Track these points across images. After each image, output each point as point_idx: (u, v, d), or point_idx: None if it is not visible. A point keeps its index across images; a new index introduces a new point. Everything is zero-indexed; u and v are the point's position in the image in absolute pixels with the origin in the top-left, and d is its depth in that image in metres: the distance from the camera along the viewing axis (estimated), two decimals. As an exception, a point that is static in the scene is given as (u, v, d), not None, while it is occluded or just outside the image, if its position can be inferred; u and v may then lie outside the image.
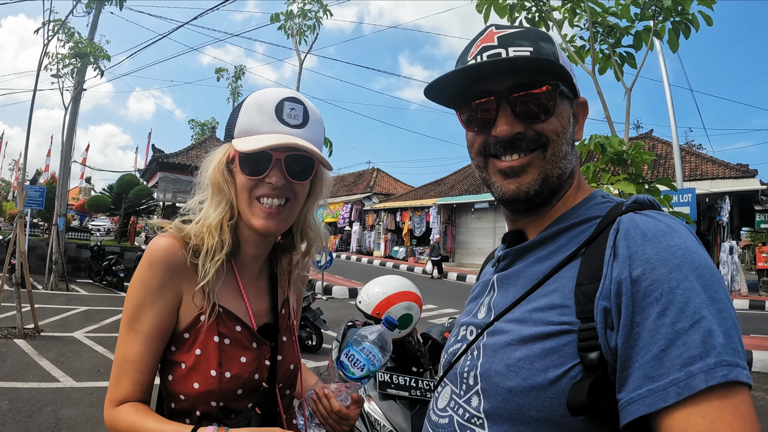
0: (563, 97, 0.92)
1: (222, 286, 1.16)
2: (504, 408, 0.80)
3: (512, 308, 0.87)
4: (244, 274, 1.24)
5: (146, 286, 1.11)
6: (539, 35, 0.91)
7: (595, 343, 0.74)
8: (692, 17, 4.09)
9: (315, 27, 12.38)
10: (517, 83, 0.89)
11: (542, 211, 0.95)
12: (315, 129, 1.17)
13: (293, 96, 1.16)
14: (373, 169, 39.31)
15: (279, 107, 1.13)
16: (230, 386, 1.12)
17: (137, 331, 1.10)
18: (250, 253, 1.24)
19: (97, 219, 34.83)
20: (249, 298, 1.22)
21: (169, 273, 1.11)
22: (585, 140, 4.04)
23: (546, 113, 0.89)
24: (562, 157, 0.91)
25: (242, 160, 1.13)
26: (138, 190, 20.05)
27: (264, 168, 1.12)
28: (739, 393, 0.66)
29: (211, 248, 1.13)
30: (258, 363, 1.18)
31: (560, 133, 0.90)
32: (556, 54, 0.90)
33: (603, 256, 0.78)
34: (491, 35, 0.91)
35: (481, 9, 4.37)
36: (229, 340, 1.14)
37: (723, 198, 16.98)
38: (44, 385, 5.53)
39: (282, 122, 1.12)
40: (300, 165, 1.15)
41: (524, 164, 0.90)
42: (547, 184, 0.90)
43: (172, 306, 1.13)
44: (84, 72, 14.14)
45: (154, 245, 1.13)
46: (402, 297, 2.87)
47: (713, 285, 0.71)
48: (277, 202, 1.14)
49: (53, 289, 12.56)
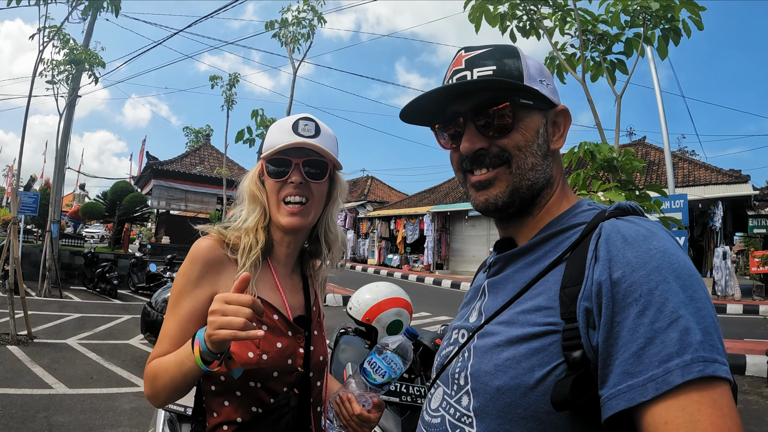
0: (530, 110, 0.95)
1: (261, 281, 1.37)
2: (492, 406, 0.83)
3: (501, 311, 0.91)
4: (279, 271, 1.43)
5: (186, 277, 1.31)
6: (505, 52, 0.96)
7: (578, 342, 0.77)
8: (682, 23, 4.14)
9: (309, 35, 12.42)
10: (478, 102, 0.95)
11: (526, 220, 0.99)
12: (327, 140, 1.40)
13: (307, 116, 1.40)
14: (367, 177, 39.27)
15: (295, 124, 1.37)
16: (267, 368, 1.29)
17: (176, 313, 1.30)
18: (282, 253, 1.45)
19: (91, 226, 34.70)
20: (285, 292, 1.41)
21: (207, 268, 1.32)
22: (575, 147, 4.08)
23: (505, 128, 0.94)
24: (529, 169, 0.95)
25: (269, 169, 1.38)
26: (132, 197, 20.00)
27: (286, 171, 1.36)
28: (717, 387, 0.69)
29: (247, 245, 1.35)
30: (293, 349, 1.35)
31: (523, 147, 0.95)
32: (519, 69, 0.94)
33: (585, 259, 0.82)
34: (460, 59, 0.98)
35: (473, 18, 4.41)
36: (267, 326, 1.32)
37: (716, 203, 17.07)
38: (37, 392, 5.51)
39: (297, 134, 1.35)
40: (315, 168, 1.39)
41: (491, 178, 0.96)
42: (517, 195, 0.95)
43: (207, 295, 1.30)
44: (79, 78, 14.13)
45: (197, 245, 1.34)
46: (392, 303, 2.89)
47: (691, 285, 0.74)
48: (298, 199, 1.36)
49: (47, 295, 12.49)
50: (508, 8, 4.47)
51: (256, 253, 1.35)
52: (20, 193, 12.24)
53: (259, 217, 1.40)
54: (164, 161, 24.36)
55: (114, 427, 4.70)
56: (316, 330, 1.45)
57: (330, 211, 1.49)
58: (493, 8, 4.41)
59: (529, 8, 4.54)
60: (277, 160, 1.36)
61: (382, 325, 2.94)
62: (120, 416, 4.98)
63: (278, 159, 1.36)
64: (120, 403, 5.36)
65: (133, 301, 12.93)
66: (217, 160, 26.09)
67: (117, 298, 13.35)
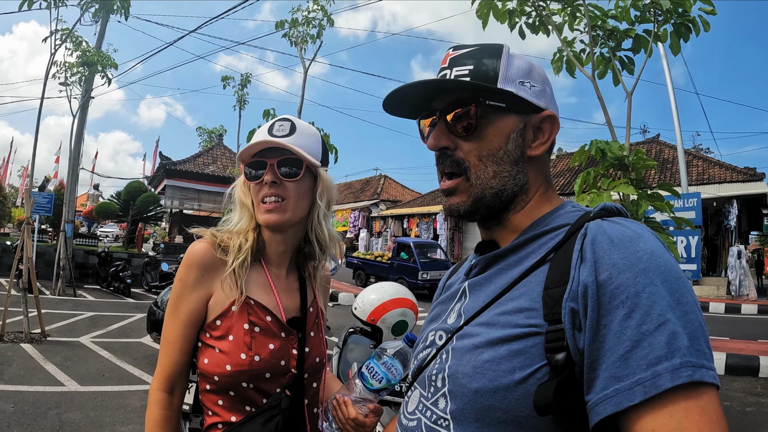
0: (502, 112, 0.93)
1: (254, 283, 1.39)
2: (470, 409, 0.81)
3: (481, 312, 0.88)
4: (273, 272, 1.44)
5: (183, 282, 1.34)
6: (487, 52, 0.94)
7: (562, 344, 0.75)
8: (693, 20, 4.09)
9: (319, 34, 12.44)
10: (451, 101, 0.95)
11: (504, 223, 0.97)
12: (303, 138, 1.40)
13: (285, 117, 1.43)
14: (380, 175, 39.35)
15: (271, 126, 1.40)
16: (259, 369, 1.29)
17: (176, 318, 1.33)
18: (274, 252, 1.45)
19: (105, 225, 35.10)
20: (279, 293, 1.41)
21: (203, 271, 1.34)
22: (585, 145, 4.04)
23: (469, 129, 0.93)
24: (490, 178, 0.93)
25: (247, 172, 1.41)
26: (145, 197, 20.20)
27: (261, 173, 1.37)
28: (705, 393, 0.67)
29: (236, 245, 1.37)
30: (285, 351, 1.35)
31: (485, 155, 0.93)
32: (496, 69, 0.92)
33: (570, 260, 0.80)
34: (446, 57, 0.97)
35: (480, 14, 4.39)
36: (259, 328, 1.33)
37: (731, 202, 16.87)
38: (49, 389, 5.57)
39: (271, 135, 1.37)
40: (289, 167, 1.38)
41: (451, 188, 0.97)
42: (480, 203, 0.94)
43: (203, 298, 1.34)
44: (91, 80, 14.26)
45: (192, 249, 1.36)
46: (397, 303, 2.88)
47: (679, 288, 0.72)
48: (273, 199, 1.36)
49: (60, 294, 12.65)
50: (517, 4, 4.44)
51: (245, 252, 1.36)
52: (34, 193, 12.40)
53: (249, 220, 1.42)
54: (177, 161, 24.60)
55: (124, 424, 4.73)
56: (312, 331, 1.45)
57: (317, 211, 1.47)
58: (502, 5, 4.39)
59: (538, 4, 4.51)
60: (254, 163, 1.39)
61: (387, 325, 2.93)
62: (131, 413, 5.01)
63: (255, 162, 1.38)
64: (131, 400, 5.40)
65: (146, 300, 13.03)
66: (230, 160, 26.29)
67: (130, 296, 13.49)
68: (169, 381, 1.34)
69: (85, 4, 13.21)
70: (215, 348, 1.31)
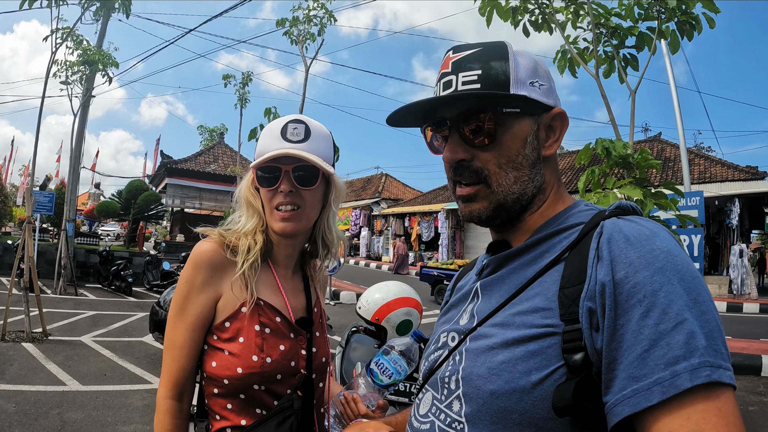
0: (517, 117, 0.91)
1: (263, 283, 1.36)
2: (485, 411, 0.79)
3: (495, 313, 0.87)
4: (280, 272, 1.42)
5: (190, 283, 1.30)
6: (492, 54, 0.90)
7: (580, 345, 0.74)
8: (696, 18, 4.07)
9: (321, 32, 12.42)
10: (464, 110, 0.91)
11: (519, 224, 0.95)
12: (318, 143, 1.36)
13: (297, 118, 1.36)
14: (381, 174, 39.31)
15: (284, 129, 1.34)
16: (271, 370, 1.28)
17: (183, 320, 1.29)
18: (282, 255, 1.43)
19: (106, 224, 35.11)
20: (287, 294, 1.40)
21: (211, 272, 1.31)
22: (590, 144, 4.03)
23: (488, 139, 0.90)
24: (512, 183, 0.91)
25: (259, 177, 1.36)
26: (146, 196, 20.20)
27: (276, 179, 1.33)
28: (722, 394, 0.66)
29: (245, 247, 1.33)
30: (295, 351, 1.34)
31: (504, 163, 0.90)
32: (506, 72, 0.89)
33: (587, 259, 0.79)
34: (448, 61, 0.93)
35: (483, 12, 4.37)
36: (269, 329, 1.31)
37: (732, 200, 16.83)
38: (51, 389, 5.56)
39: (286, 140, 1.33)
40: (305, 174, 1.34)
41: (471, 195, 0.93)
42: (502, 209, 0.92)
43: (212, 300, 1.31)
44: (92, 79, 14.23)
45: (199, 248, 1.33)
46: (402, 303, 2.86)
47: (696, 288, 0.71)
48: (289, 207, 1.33)
49: (62, 293, 12.64)
50: (520, 2, 4.42)
51: (254, 254, 1.33)
52: (36, 192, 12.39)
53: (257, 222, 1.39)
54: (178, 160, 24.60)
55: (126, 424, 4.73)
56: (317, 331, 1.44)
57: (327, 214, 1.46)
58: (505, 2, 4.37)
59: (542, 1, 4.48)
60: (267, 168, 1.34)
61: (392, 324, 2.91)
62: (132, 413, 5.01)
63: (268, 167, 1.33)
64: (133, 399, 5.39)
65: (147, 299, 13.03)
66: (231, 159, 26.28)
67: (132, 295, 13.48)
68: (178, 387, 1.30)
69: (86, 2, 13.17)
70: (224, 350, 1.28)
